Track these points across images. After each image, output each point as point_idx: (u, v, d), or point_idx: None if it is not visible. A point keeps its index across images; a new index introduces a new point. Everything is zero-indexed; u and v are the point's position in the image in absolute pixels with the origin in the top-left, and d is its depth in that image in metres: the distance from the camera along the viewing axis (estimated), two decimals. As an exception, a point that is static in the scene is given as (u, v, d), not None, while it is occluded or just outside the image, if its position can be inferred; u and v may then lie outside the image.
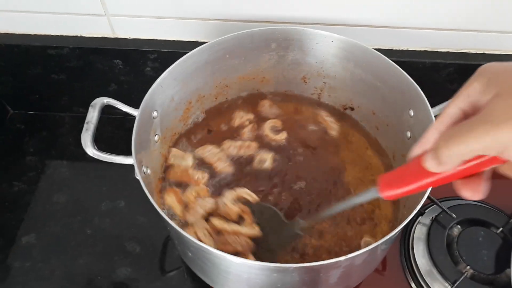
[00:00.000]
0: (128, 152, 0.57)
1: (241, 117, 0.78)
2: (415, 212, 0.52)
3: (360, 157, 0.75)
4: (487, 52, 0.79)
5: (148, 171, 0.63)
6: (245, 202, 0.66)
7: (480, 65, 0.37)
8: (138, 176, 0.54)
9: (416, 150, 0.40)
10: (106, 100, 0.62)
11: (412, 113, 0.65)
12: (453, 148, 0.33)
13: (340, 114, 0.80)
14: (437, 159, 0.35)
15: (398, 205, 0.69)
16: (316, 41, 0.71)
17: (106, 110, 0.64)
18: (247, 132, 0.76)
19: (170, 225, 0.50)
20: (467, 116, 0.36)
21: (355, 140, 0.77)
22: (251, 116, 0.78)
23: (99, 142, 0.59)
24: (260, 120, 0.78)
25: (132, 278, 0.73)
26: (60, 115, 0.94)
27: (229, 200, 0.66)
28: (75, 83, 0.87)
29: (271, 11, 0.75)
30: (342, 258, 0.48)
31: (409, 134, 0.67)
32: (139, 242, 0.76)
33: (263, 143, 0.75)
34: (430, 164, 0.37)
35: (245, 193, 0.66)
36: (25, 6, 0.77)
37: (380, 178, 0.44)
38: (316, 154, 0.75)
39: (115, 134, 0.89)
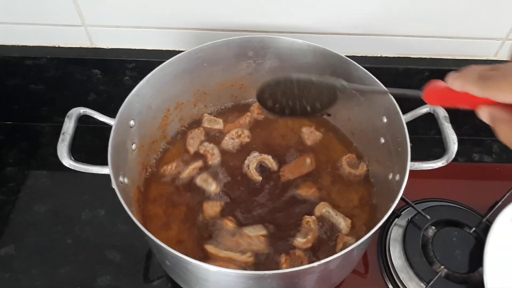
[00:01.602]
0: (107, 162, 0.58)
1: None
2: (386, 217, 0.54)
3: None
4: (457, 57, 0.81)
5: (126, 180, 0.63)
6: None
7: (451, 70, 0.39)
8: (114, 185, 0.55)
9: (456, 87, 0.40)
10: (82, 110, 0.63)
11: (385, 119, 0.67)
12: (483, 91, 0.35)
13: (317, 121, 0.81)
14: (462, 87, 0.37)
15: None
16: (292, 49, 0.73)
17: (86, 120, 0.64)
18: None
19: (147, 234, 0.51)
20: None
21: (332, 145, 0.79)
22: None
23: (79, 151, 0.60)
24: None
25: (114, 287, 0.73)
26: (40, 125, 0.93)
27: None
28: (55, 93, 0.87)
29: (248, 20, 0.76)
30: (315, 264, 0.49)
31: (382, 140, 0.69)
32: (120, 251, 0.76)
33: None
34: (454, 83, 0.38)
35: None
36: (1, 18, 0.77)
37: (428, 85, 0.45)
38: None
39: (95, 143, 0.89)
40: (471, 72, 0.36)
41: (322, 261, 0.49)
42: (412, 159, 0.61)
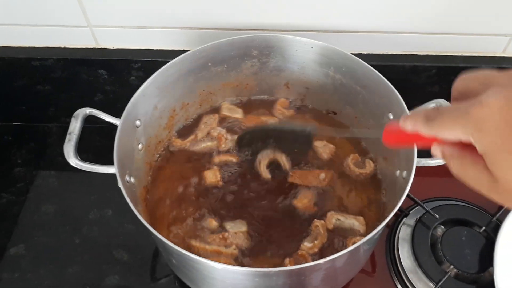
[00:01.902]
0: (113, 161, 0.58)
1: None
2: (393, 213, 0.53)
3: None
4: (465, 54, 0.80)
5: (132, 179, 0.63)
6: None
7: (458, 67, 0.38)
8: (120, 185, 0.55)
9: (408, 127, 0.40)
10: (88, 110, 0.63)
11: (391, 116, 0.67)
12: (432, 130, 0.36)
13: (323, 118, 0.81)
14: (413, 128, 0.38)
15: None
16: (296, 47, 0.72)
17: (93, 120, 0.65)
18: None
19: (153, 233, 0.51)
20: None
21: (339, 143, 0.78)
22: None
23: (87, 152, 0.60)
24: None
25: (122, 286, 0.73)
26: (48, 126, 0.94)
27: None
28: (61, 93, 0.88)
29: (252, 19, 0.76)
30: (321, 261, 0.49)
31: (389, 137, 0.68)
32: (127, 250, 0.76)
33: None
34: (405, 124, 0.39)
35: None
36: (8, 19, 0.78)
37: (386, 126, 0.45)
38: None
39: (102, 143, 0.89)
40: (419, 114, 0.37)
41: (328, 258, 0.49)
42: (419, 157, 0.60)
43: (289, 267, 0.49)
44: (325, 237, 0.64)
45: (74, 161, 0.59)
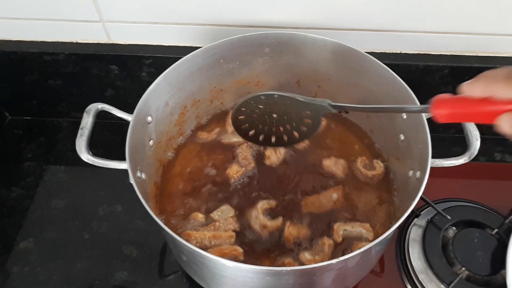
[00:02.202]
0: (124, 157, 0.58)
1: None
2: (407, 214, 0.53)
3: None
4: (479, 54, 0.79)
5: (143, 176, 0.63)
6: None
7: (473, 67, 0.36)
8: (132, 181, 0.55)
9: (477, 90, 0.36)
10: (100, 106, 0.63)
11: (404, 116, 0.66)
12: None
13: (335, 117, 0.80)
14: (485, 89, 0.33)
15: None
16: (309, 45, 0.72)
17: (104, 115, 0.65)
18: None
19: (164, 229, 0.51)
20: None
21: (349, 142, 0.77)
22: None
23: (97, 147, 0.60)
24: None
25: (130, 282, 0.73)
26: (58, 121, 0.94)
27: None
28: (72, 88, 0.88)
29: (265, 16, 0.76)
30: (334, 261, 0.48)
31: (402, 137, 0.68)
32: (137, 246, 0.77)
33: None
34: (472, 88, 0.34)
35: None
36: (20, 13, 0.78)
37: (436, 98, 0.41)
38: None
39: (113, 139, 0.90)
40: (496, 73, 0.33)
41: (341, 258, 0.48)
42: (432, 157, 0.60)
43: (302, 267, 0.48)
44: (328, 257, 0.63)
45: (86, 156, 0.59)
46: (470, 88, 0.34)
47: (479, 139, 0.60)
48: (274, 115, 0.60)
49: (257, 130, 0.62)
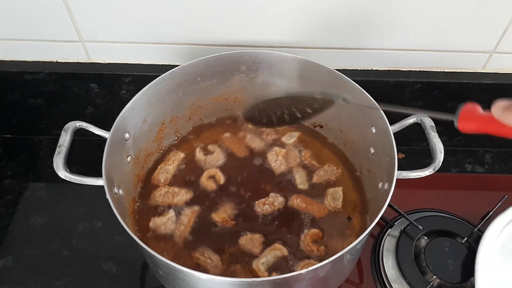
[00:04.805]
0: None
1: None
2: (373, 224, 0.55)
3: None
4: (447, 70, 0.83)
5: (121, 191, 0.65)
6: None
7: (441, 82, 0.39)
8: (108, 196, 0.56)
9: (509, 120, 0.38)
10: (78, 123, 0.64)
11: (374, 130, 0.69)
12: None
13: (310, 132, 0.83)
14: None
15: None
16: (283, 63, 0.75)
17: (84, 133, 0.66)
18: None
19: (139, 244, 0.52)
20: None
21: (324, 155, 0.80)
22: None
23: (77, 164, 0.61)
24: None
25: (109, 298, 0.73)
26: (39, 138, 0.95)
27: None
28: (53, 107, 0.89)
29: (240, 36, 0.79)
30: (303, 271, 0.50)
31: (372, 150, 0.71)
32: (116, 262, 0.77)
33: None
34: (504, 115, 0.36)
35: None
36: (1, 34, 0.79)
37: (463, 110, 0.43)
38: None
39: (92, 155, 0.89)
40: None
41: (310, 268, 0.50)
42: (405, 169, 0.62)
43: (272, 277, 0.50)
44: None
45: (63, 173, 0.60)
46: (504, 115, 0.36)
47: (443, 152, 0.63)
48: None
49: (269, 117, 0.65)
